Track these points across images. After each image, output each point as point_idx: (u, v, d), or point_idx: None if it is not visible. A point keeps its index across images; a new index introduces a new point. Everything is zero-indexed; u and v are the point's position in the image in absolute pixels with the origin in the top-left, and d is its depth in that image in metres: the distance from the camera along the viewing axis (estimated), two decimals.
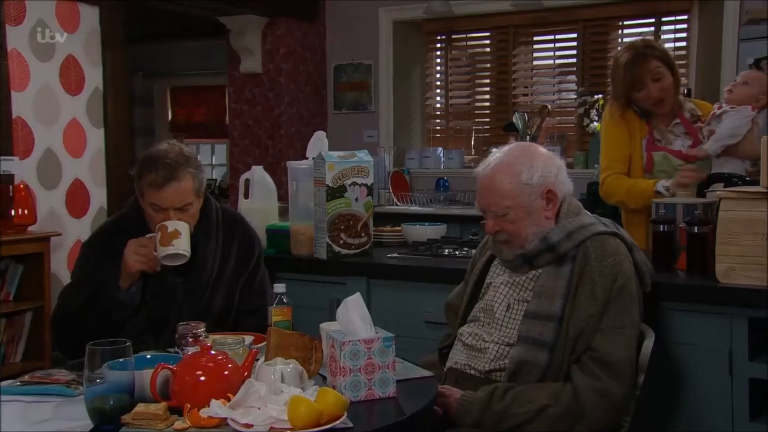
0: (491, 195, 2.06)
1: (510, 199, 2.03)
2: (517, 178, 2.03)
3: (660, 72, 2.74)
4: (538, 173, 2.03)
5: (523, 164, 2.04)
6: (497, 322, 2.07)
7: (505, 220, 2.05)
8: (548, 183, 2.04)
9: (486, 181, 2.08)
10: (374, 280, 2.72)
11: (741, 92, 2.64)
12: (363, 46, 5.64)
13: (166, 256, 2.24)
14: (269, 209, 2.96)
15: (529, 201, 2.03)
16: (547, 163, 2.07)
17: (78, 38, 4.06)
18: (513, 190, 2.03)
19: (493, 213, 2.07)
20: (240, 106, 5.52)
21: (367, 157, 2.81)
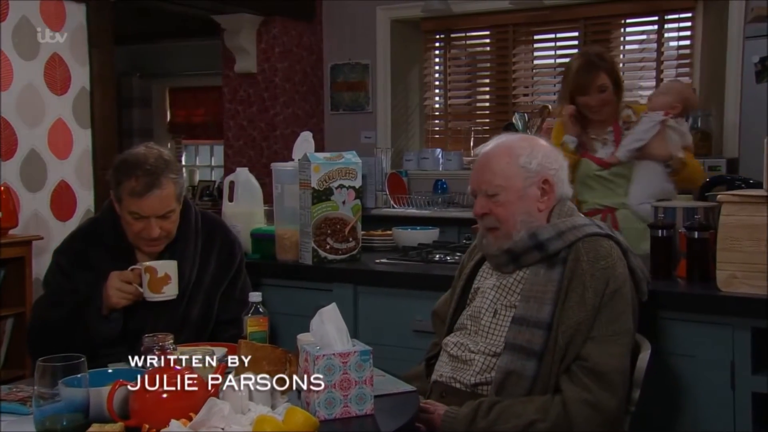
0: (485, 172, 1.97)
1: (504, 179, 1.93)
2: (515, 160, 1.94)
3: (605, 85, 2.89)
4: (537, 160, 1.94)
5: (523, 148, 1.96)
6: (483, 329, 1.96)
7: (495, 202, 1.95)
8: (546, 173, 1.94)
9: (483, 159, 1.99)
10: (361, 287, 2.61)
11: (659, 101, 2.85)
12: (360, 46, 5.54)
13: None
14: (255, 213, 2.86)
15: (523, 186, 1.93)
16: (549, 154, 1.98)
17: (64, 36, 3.96)
18: (507, 170, 1.93)
19: (483, 192, 1.97)
20: (235, 107, 5.43)
21: (355, 159, 2.71)
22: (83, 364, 1.46)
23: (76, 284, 2.25)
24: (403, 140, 5.65)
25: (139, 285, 2.18)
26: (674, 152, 2.79)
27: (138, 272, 2.18)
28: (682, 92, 2.88)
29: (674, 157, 2.79)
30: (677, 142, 2.82)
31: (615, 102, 2.93)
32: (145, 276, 2.17)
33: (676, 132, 2.81)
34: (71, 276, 2.26)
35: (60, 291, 2.27)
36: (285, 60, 5.34)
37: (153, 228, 2.20)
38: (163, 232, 2.23)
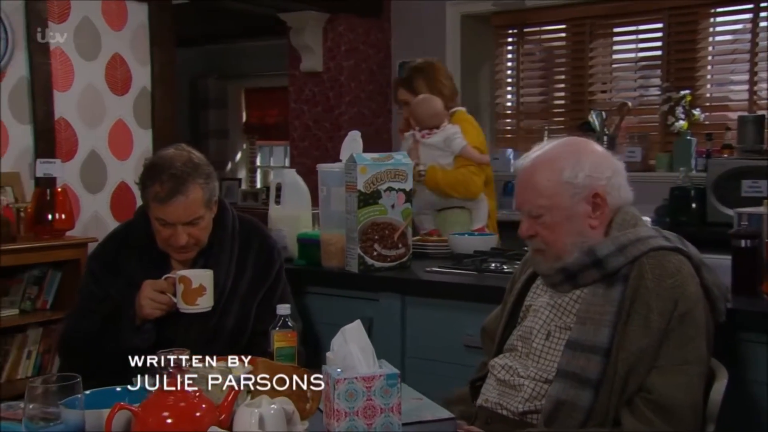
0: (526, 191, 1.76)
1: (547, 197, 1.72)
2: (557, 175, 1.71)
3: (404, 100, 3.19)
4: (584, 172, 1.71)
5: (567, 160, 1.72)
6: (535, 352, 1.76)
7: (541, 223, 1.73)
8: (596, 185, 1.71)
9: (523, 176, 1.78)
10: (410, 297, 2.43)
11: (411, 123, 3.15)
12: (429, 42, 5.35)
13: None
14: (301, 216, 2.72)
15: (570, 203, 1.71)
16: (598, 162, 1.74)
17: (125, 36, 3.94)
18: (551, 187, 1.71)
19: (527, 213, 1.76)
20: (300, 107, 5.34)
21: (406, 160, 2.54)
22: (78, 384, 1.34)
23: (107, 292, 2.16)
24: None
25: (173, 295, 2.07)
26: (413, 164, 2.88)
27: (172, 281, 2.07)
28: (411, 111, 3.11)
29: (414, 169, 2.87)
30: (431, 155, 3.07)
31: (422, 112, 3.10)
32: (179, 286, 2.06)
33: (426, 146, 3.06)
34: (103, 283, 2.18)
35: (91, 299, 2.18)
36: (351, 58, 5.21)
37: (180, 235, 2.08)
38: (191, 240, 2.12)
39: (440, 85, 3.19)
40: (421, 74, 3.20)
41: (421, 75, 3.20)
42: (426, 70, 3.23)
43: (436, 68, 3.28)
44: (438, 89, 3.16)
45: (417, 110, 3.10)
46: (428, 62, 3.31)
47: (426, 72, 3.22)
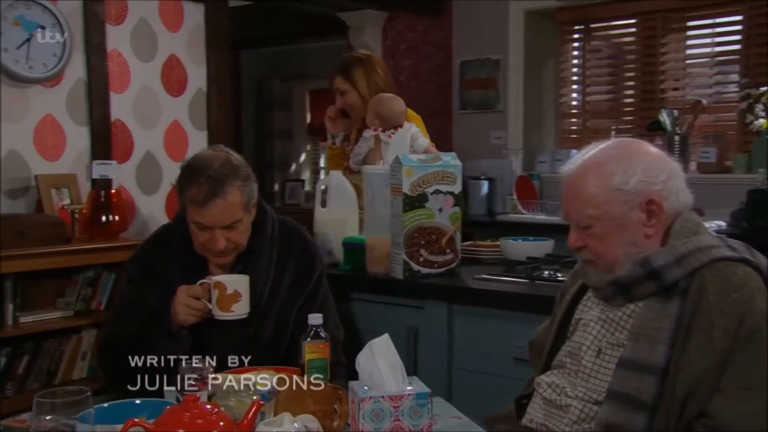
0: (573, 200, 1.62)
1: (595, 207, 1.57)
2: (606, 182, 1.57)
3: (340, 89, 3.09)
4: (636, 177, 1.56)
5: (617, 164, 1.57)
6: (584, 371, 1.62)
7: (590, 234, 1.59)
8: (650, 191, 1.56)
9: (569, 183, 1.63)
10: (456, 306, 2.31)
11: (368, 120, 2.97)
12: (491, 40, 5.21)
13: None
14: (348, 220, 2.63)
15: (622, 212, 1.56)
16: (652, 165, 1.58)
17: (181, 37, 3.93)
18: (600, 195, 1.57)
19: (575, 223, 1.62)
20: None
21: (455, 161, 2.42)
22: (87, 398, 1.28)
23: (145, 297, 2.11)
24: (536, 141, 5.25)
25: (209, 301, 2.01)
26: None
27: (207, 287, 2.01)
28: (373, 110, 2.95)
29: None
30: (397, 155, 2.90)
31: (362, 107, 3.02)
32: (214, 292, 2.00)
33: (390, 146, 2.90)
34: (141, 287, 2.13)
35: (129, 303, 2.14)
36: (410, 57, 5.10)
37: (218, 239, 2.02)
38: (230, 244, 2.05)
39: (377, 78, 3.13)
40: (359, 64, 3.13)
41: (360, 65, 3.12)
42: (365, 61, 3.16)
43: (375, 61, 3.22)
44: (375, 81, 3.10)
45: (386, 107, 2.97)
46: (367, 54, 3.27)
47: (364, 63, 3.15)
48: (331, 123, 3.18)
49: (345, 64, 3.16)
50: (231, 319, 2.00)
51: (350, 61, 3.16)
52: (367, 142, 2.96)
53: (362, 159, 2.94)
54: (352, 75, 3.09)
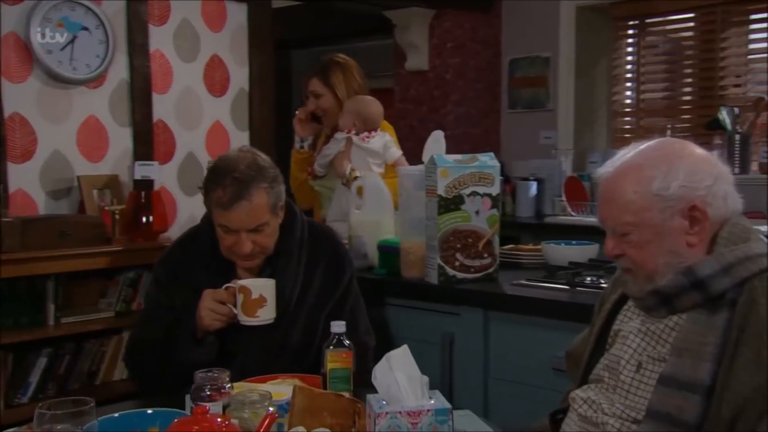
0: (610, 206, 1.51)
1: (633, 213, 1.46)
2: (645, 186, 1.45)
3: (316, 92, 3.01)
4: (677, 181, 1.44)
5: (657, 167, 1.46)
6: (622, 386, 1.51)
7: (627, 242, 1.48)
8: (693, 196, 1.44)
9: (606, 187, 1.53)
10: (493, 313, 2.22)
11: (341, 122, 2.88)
12: (541, 37, 5.06)
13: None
14: (383, 222, 2.56)
15: (661, 219, 1.45)
16: (695, 168, 1.46)
17: (224, 37, 3.91)
18: (638, 201, 1.46)
19: (611, 230, 1.51)
20: (405, 106, 5.19)
21: (492, 162, 2.32)
22: (90, 409, 1.23)
23: (172, 300, 2.07)
24: (587, 140, 5.09)
25: (234, 305, 1.96)
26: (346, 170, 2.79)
27: (232, 292, 1.96)
28: (355, 111, 2.85)
29: (344, 173, 2.79)
30: (366, 160, 2.85)
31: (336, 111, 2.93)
32: (239, 296, 1.95)
33: (363, 150, 2.82)
34: (168, 291, 2.09)
35: (156, 306, 2.11)
36: (457, 55, 5.00)
37: (244, 243, 1.96)
38: (256, 248, 1.99)
39: (354, 83, 3.05)
40: (339, 68, 3.06)
41: (339, 69, 3.06)
42: (344, 66, 3.10)
43: (353, 65, 3.14)
44: (352, 86, 3.03)
45: (372, 109, 2.89)
46: (345, 58, 3.19)
47: (344, 67, 3.08)
48: (300, 126, 3.07)
49: (323, 67, 3.09)
50: (256, 324, 1.95)
51: (329, 64, 3.10)
52: (338, 143, 2.86)
53: (329, 161, 2.86)
54: (330, 78, 3.03)
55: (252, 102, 4.00)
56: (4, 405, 3.10)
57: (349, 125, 2.84)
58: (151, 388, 2.08)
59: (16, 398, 3.14)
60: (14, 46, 3.25)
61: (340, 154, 2.82)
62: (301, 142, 3.06)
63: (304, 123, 3.05)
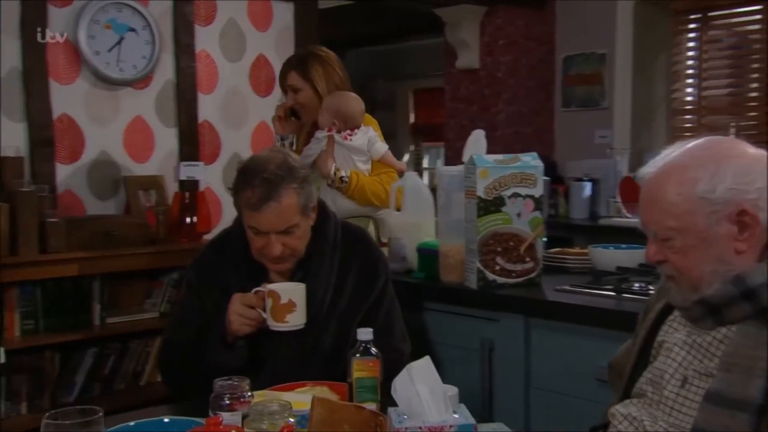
0: (651, 209, 1.40)
1: (676, 218, 1.35)
2: (689, 189, 1.34)
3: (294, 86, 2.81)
4: (725, 184, 1.32)
5: (703, 168, 1.35)
6: (666, 402, 1.41)
7: (670, 248, 1.38)
8: (742, 200, 1.32)
9: (648, 188, 1.42)
10: (534, 320, 2.12)
11: (320, 120, 2.73)
12: (597, 33, 4.92)
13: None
14: (423, 224, 2.48)
15: (707, 224, 1.33)
16: (746, 169, 1.34)
17: (270, 36, 3.89)
18: (681, 205, 1.35)
19: (653, 234, 1.41)
20: (456, 105, 5.10)
21: (535, 162, 2.22)
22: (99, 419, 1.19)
23: (203, 303, 2.04)
24: (644, 139, 4.91)
25: (263, 310, 1.91)
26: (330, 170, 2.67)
27: (261, 296, 1.91)
28: (335, 109, 2.70)
29: (329, 174, 2.66)
30: (350, 159, 2.73)
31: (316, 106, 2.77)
32: (267, 301, 1.89)
33: (346, 148, 2.69)
34: (199, 294, 2.06)
35: (187, 309, 2.07)
36: (509, 53, 4.88)
37: (274, 245, 1.91)
38: (287, 250, 1.94)
39: (336, 77, 2.83)
40: (318, 61, 2.84)
41: (318, 61, 2.83)
42: (324, 59, 2.87)
43: (333, 58, 2.92)
44: (333, 80, 2.82)
45: (352, 106, 2.71)
46: (325, 50, 2.96)
47: (322, 59, 2.86)
48: (279, 124, 2.88)
49: (301, 59, 2.89)
50: (285, 330, 1.89)
51: (307, 57, 2.88)
52: (319, 143, 2.70)
53: (312, 162, 2.70)
54: (309, 71, 2.82)
55: None
56: (50, 404, 3.13)
57: (328, 124, 2.68)
58: (182, 393, 2.05)
59: (62, 398, 3.17)
60: (63, 48, 3.28)
61: (323, 153, 2.67)
62: (282, 141, 2.87)
63: (283, 120, 2.87)
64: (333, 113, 2.66)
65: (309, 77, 2.79)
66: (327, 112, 2.68)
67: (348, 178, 2.68)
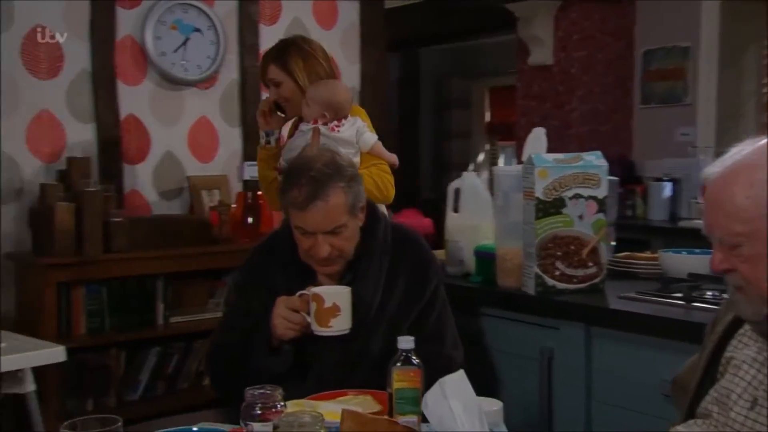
0: (717, 212, 1.27)
1: (744, 222, 1.22)
2: (759, 191, 1.21)
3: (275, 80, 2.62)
4: None
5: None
6: (733, 425, 1.28)
7: (738, 255, 1.24)
8: None
9: (713, 191, 1.29)
10: (596, 328, 1.99)
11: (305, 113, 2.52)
12: (680, 26, 4.67)
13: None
14: (481, 226, 2.37)
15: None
16: None
17: (335, 35, 3.85)
18: (751, 208, 1.21)
19: (718, 240, 1.28)
20: (528, 103, 4.95)
21: (599, 161, 2.09)
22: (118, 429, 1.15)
23: (250, 305, 1.99)
24: (731, 137, 4.60)
25: (308, 314, 1.85)
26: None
27: (306, 299, 1.85)
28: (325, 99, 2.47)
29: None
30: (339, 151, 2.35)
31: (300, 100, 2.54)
32: (312, 304, 1.83)
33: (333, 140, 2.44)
34: (247, 296, 2.01)
35: (235, 312, 2.03)
36: (584, 48, 4.70)
37: (321, 246, 1.85)
38: (334, 251, 1.87)
39: (318, 67, 2.61)
40: (297, 50, 2.63)
41: (297, 51, 2.62)
42: (302, 47, 2.66)
43: (316, 47, 2.70)
44: (315, 71, 2.59)
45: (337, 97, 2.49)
46: (304, 38, 2.77)
47: (302, 49, 2.64)
48: (264, 120, 2.68)
49: (279, 50, 2.67)
50: (330, 335, 1.83)
51: (285, 48, 2.67)
52: (304, 135, 2.48)
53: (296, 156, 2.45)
54: (288, 63, 2.60)
55: (363, 100, 3.91)
56: (116, 402, 3.17)
57: (317, 115, 2.48)
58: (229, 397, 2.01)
59: (127, 396, 3.21)
60: (130, 49, 3.33)
61: (308, 147, 2.39)
62: (267, 137, 2.69)
63: (267, 115, 2.67)
64: (322, 104, 2.46)
65: (288, 69, 2.60)
66: (314, 103, 2.48)
67: None
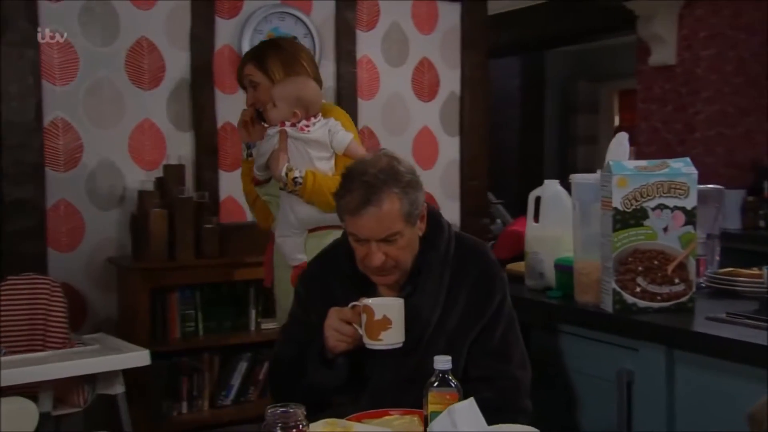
0: None
1: None
2: None
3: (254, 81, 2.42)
4: None
5: None
6: None
7: None
8: None
9: None
10: (678, 352, 1.79)
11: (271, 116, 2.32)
12: None
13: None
14: (563, 237, 2.20)
15: None
16: None
17: (434, 39, 3.77)
18: None
19: None
20: (648, 106, 4.66)
21: (687, 169, 1.89)
22: None
23: (309, 316, 1.94)
24: None
25: (360, 326, 1.78)
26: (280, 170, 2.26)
27: (358, 311, 1.78)
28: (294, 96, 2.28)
29: (280, 176, 2.26)
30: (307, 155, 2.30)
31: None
32: (363, 316, 1.76)
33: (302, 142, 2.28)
34: (306, 306, 1.97)
35: (294, 323, 1.99)
36: (712, 46, 4.36)
37: (375, 254, 1.77)
38: (389, 260, 1.79)
39: (299, 68, 2.39)
40: (277, 50, 2.43)
41: (277, 51, 2.43)
42: (283, 47, 2.46)
43: (298, 47, 2.51)
44: (295, 71, 2.38)
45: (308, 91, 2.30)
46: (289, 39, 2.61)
47: (283, 49, 2.44)
48: (245, 131, 2.45)
49: (258, 49, 2.51)
50: (381, 348, 1.74)
51: (264, 47, 2.51)
52: (271, 140, 2.30)
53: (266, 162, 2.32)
54: (266, 63, 2.41)
55: (463, 106, 3.81)
56: (209, 405, 3.22)
57: (288, 115, 2.29)
58: None
59: (220, 399, 3.26)
60: (228, 58, 3.39)
61: (275, 151, 2.26)
62: (248, 149, 2.51)
63: (249, 126, 2.44)
64: (290, 101, 2.28)
65: (265, 68, 2.40)
66: (283, 102, 2.29)
67: (302, 179, 2.27)
